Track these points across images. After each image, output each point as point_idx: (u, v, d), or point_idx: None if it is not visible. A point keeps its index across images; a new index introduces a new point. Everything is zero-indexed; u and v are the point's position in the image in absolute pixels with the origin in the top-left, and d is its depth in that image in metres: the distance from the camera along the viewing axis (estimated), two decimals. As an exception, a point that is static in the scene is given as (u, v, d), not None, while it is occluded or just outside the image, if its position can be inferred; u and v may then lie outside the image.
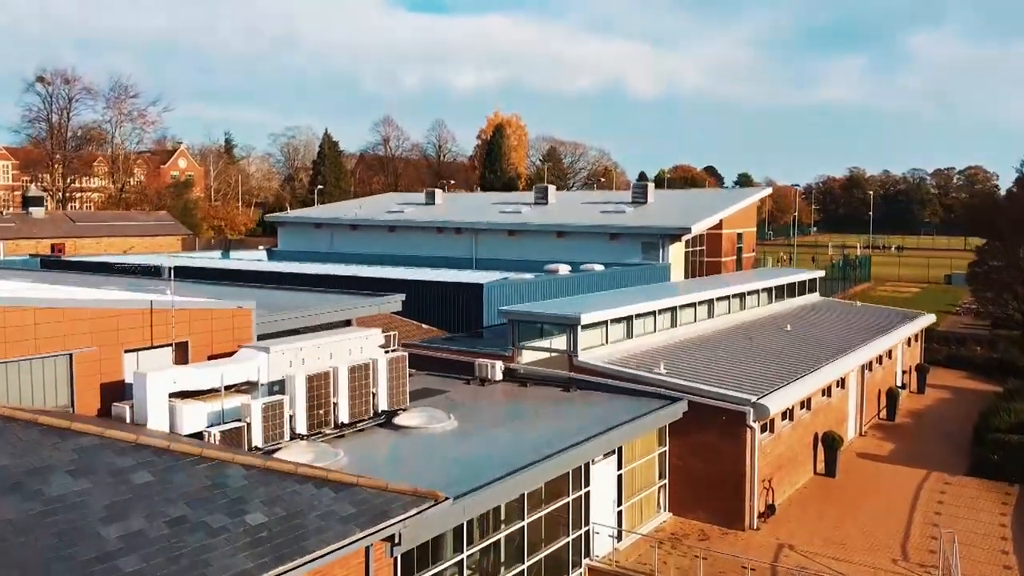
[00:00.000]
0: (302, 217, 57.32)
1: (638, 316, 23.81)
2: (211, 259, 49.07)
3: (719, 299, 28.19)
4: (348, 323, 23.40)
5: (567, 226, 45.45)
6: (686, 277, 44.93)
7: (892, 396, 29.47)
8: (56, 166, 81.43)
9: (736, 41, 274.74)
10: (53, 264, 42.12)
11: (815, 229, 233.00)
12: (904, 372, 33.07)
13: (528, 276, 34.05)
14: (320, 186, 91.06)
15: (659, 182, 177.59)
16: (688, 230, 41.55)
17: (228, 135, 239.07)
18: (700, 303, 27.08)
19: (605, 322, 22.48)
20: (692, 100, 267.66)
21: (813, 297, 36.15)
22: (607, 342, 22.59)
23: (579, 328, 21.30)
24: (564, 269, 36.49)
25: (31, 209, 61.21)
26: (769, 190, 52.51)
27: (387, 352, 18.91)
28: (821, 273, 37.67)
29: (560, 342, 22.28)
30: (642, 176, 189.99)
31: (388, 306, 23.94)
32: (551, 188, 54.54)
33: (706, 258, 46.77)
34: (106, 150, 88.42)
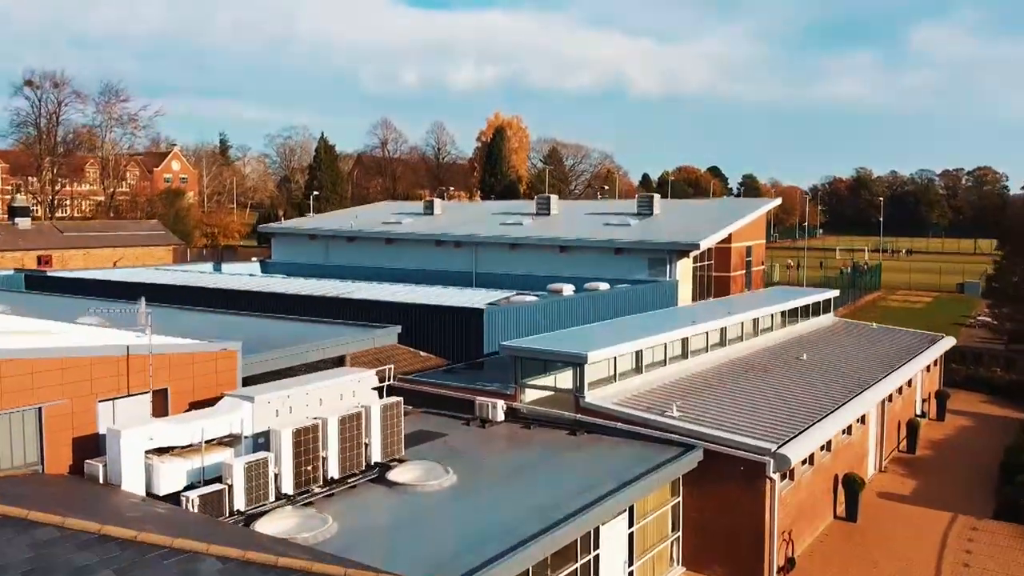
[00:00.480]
0: (296, 228, 56.36)
1: (648, 348, 22.85)
2: (201, 273, 48.14)
3: (731, 327, 27.24)
4: (342, 360, 22.47)
5: (570, 241, 44.48)
6: (694, 293, 44.00)
7: (912, 427, 28.50)
8: (45, 172, 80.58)
9: (740, 36, 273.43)
10: (37, 281, 41.16)
11: (821, 231, 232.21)
12: (924, 400, 32.11)
13: (531, 297, 33.08)
14: (316, 192, 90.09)
15: (663, 184, 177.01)
16: (696, 246, 40.59)
17: (223, 136, 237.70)
18: (712, 332, 26.14)
19: (613, 357, 21.52)
20: (695, 98, 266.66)
21: (828, 318, 35.19)
22: (615, 378, 21.63)
23: (586, 367, 20.34)
24: (568, 289, 35.53)
25: (17, 220, 60.28)
26: (778, 200, 51.54)
27: (382, 397, 17.96)
28: (835, 293, 36.70)
29: (565, 379, 21.32)
30: (645, 179, 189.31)
31: (383, 339, 23.00)
32: (553, 198, 53.58)
33: (714, 272, 45.80)
34: (96, 155, 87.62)
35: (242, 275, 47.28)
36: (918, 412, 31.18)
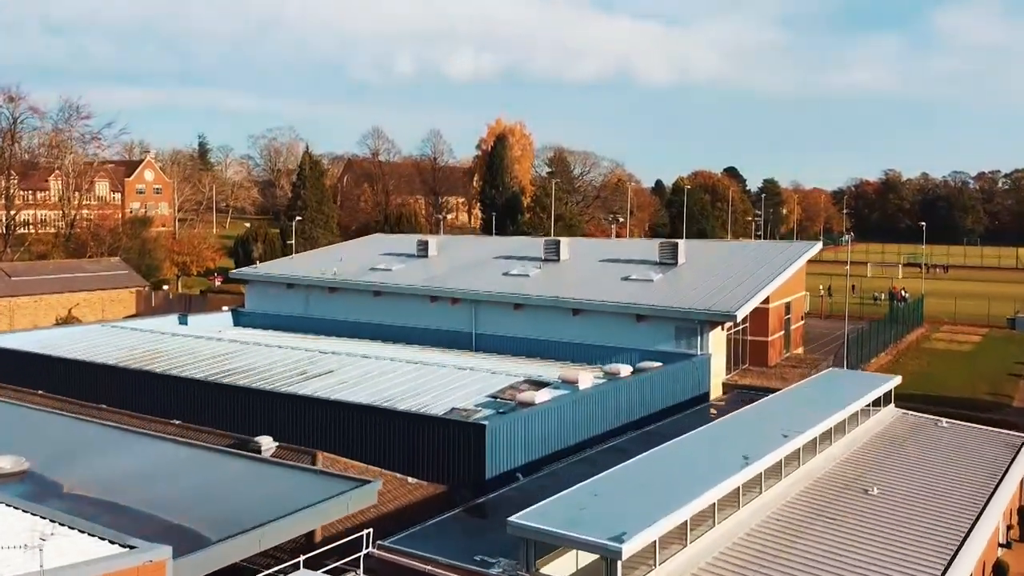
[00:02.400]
0: (272, 276, 52.83)
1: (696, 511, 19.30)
2: (158, 335, 44.55)
3: (788, 456, 23.70)
4: (311, 536, 19.00)
5: (584, 302, 40.93)
6: (728, 363, 40.53)
7: (1000, 572, 24.93)
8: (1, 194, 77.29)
9: (757, 20, 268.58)
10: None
11: (847, 239, 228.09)
12: (1008, 526, 28.52)
13: (541, 396, 29.48)
14: (299, 214, 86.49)
15: (677, 192, 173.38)
16: (731, 317, 37.07)
17: (202, 138, 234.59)
18: (767, 466, 22.59)
19: (655, 539, 17.94)
20: (708, 89, 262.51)
21: (887, 415, 31.62)
22: (656, 562, 18.04)
23: (620, 562, 16.75)
24: (585, 377, 32.00)
25: (-39, 260, 56.87)
26: (819, 246, 48.01)
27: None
28: (896, 380, 33.12)
29: (590, 559, 17.79)
30: (659, 187, 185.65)
31: (361, 501, 19.48)
32: (564, 241, 50.03)
33: (750, 336, 42.30)
34: (57, 175, 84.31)
35: (206, 338, 43.73)
36: (1003, 542, 27.61)
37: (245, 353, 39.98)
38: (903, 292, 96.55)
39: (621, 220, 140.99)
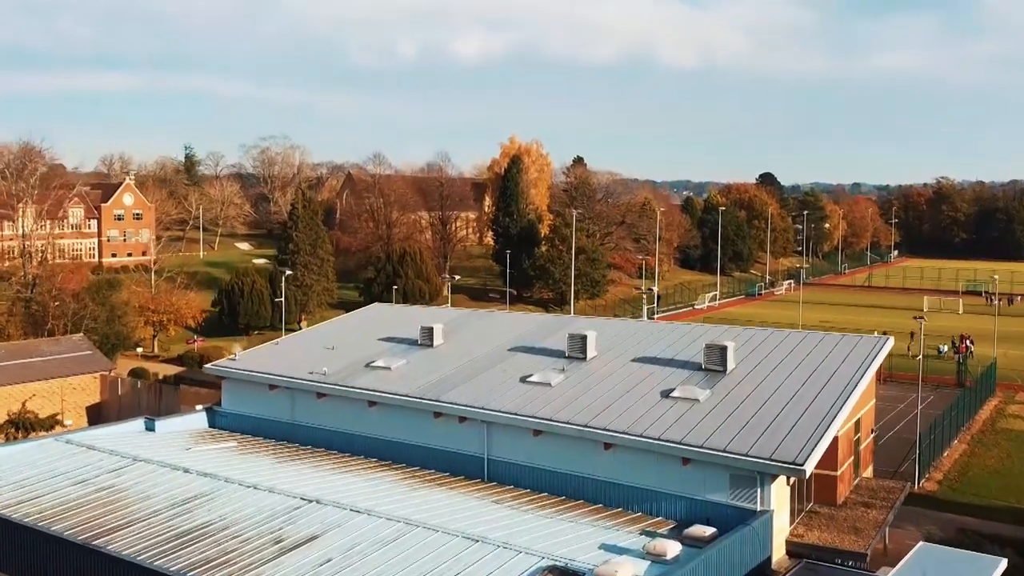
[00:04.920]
0: (253, 375, 48.73)
1: None
2: (119, 460, 40.59)
3: None
4: None
5: (618, 437, 36.62)
6: (792, 504, 36.19)
7: None
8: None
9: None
10: None
11: (895, 253, 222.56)
12: None
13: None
14: (288, 272, 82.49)
15: (709, 210, 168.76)
16: (799, 472, 32.67)
17: (189, 150, 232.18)
18: None
19: None
20: (735, 73, 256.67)
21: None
22: None
23: None
24: (673, 549, 28.32)
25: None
26: (890, 342, 43.67)
27: None
28: (1003, 564, 28.71)
29: None
30: (689, 205, 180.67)
31: None
32: (590, 337, 45.70)
33: (816, 469, 37.83)
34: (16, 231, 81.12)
35: (171, 467, 39.71)
36: None
37: (213, 498, 35.94)
38: (969, 343, 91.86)
39: (649, 248, 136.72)
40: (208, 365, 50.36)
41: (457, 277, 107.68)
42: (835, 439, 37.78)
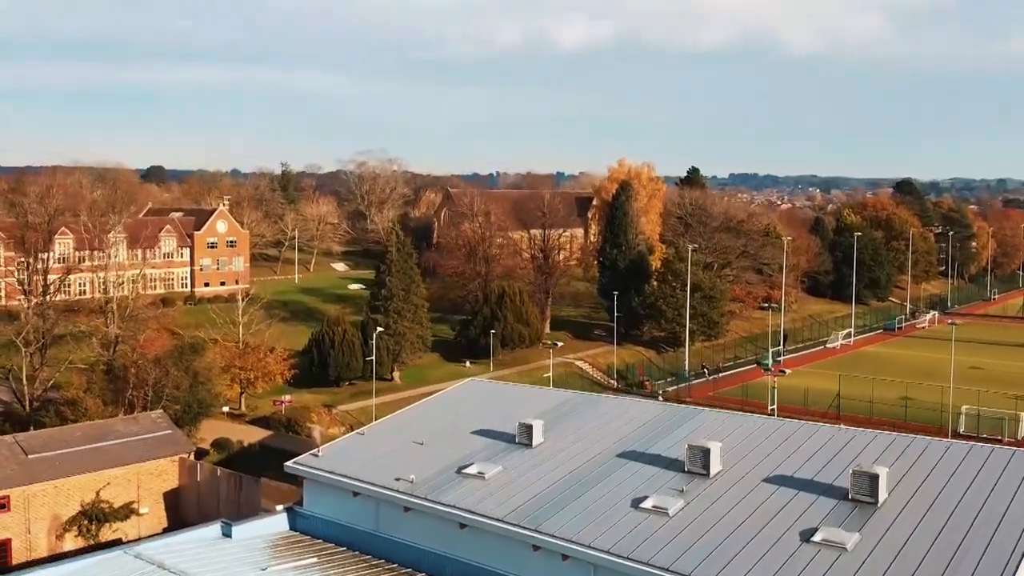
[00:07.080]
0: (334, 479, 46.38)
1: None
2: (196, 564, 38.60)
3: None
4: None
5: (752, 600, 32.46)
6: None
7: None
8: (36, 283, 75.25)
9: None
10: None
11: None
12: None
13: None
14: (380, 329, 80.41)
15: (841, 231, 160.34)
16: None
17: (285, 166, 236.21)
18: None
19: None
20: (861, 61, 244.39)
21: None
22: None
23: None
24: None
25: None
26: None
27: None
28: None
29: None
30: (818, 228, 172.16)
31: None
32: (714, 450, 41.60)
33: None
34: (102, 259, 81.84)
35: (249, 572, 37.57)
36: None
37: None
38: None
39: (775, 280, 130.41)
40: (288, 464, 48.34)
41: (560, 344, 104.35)
42: None
